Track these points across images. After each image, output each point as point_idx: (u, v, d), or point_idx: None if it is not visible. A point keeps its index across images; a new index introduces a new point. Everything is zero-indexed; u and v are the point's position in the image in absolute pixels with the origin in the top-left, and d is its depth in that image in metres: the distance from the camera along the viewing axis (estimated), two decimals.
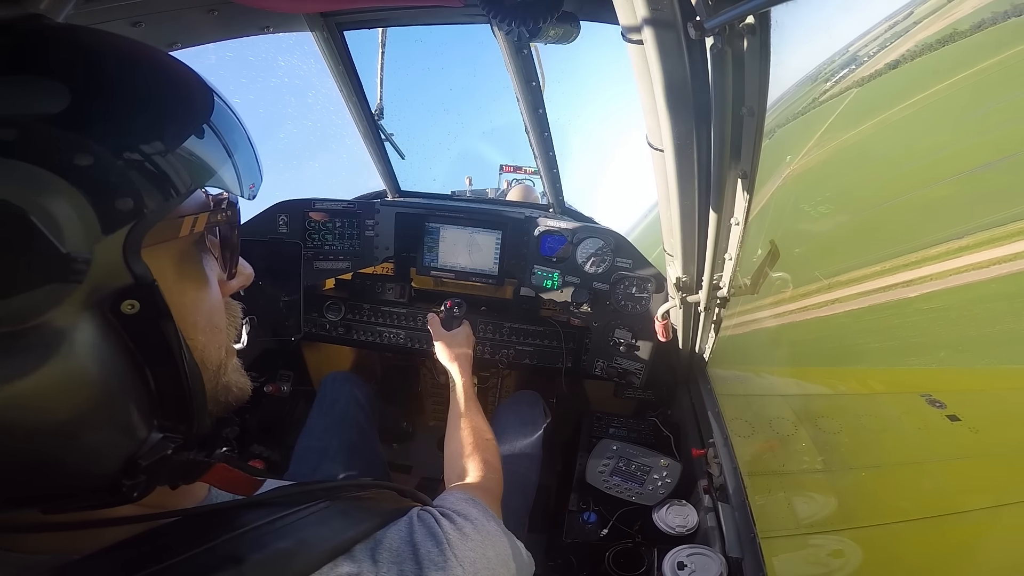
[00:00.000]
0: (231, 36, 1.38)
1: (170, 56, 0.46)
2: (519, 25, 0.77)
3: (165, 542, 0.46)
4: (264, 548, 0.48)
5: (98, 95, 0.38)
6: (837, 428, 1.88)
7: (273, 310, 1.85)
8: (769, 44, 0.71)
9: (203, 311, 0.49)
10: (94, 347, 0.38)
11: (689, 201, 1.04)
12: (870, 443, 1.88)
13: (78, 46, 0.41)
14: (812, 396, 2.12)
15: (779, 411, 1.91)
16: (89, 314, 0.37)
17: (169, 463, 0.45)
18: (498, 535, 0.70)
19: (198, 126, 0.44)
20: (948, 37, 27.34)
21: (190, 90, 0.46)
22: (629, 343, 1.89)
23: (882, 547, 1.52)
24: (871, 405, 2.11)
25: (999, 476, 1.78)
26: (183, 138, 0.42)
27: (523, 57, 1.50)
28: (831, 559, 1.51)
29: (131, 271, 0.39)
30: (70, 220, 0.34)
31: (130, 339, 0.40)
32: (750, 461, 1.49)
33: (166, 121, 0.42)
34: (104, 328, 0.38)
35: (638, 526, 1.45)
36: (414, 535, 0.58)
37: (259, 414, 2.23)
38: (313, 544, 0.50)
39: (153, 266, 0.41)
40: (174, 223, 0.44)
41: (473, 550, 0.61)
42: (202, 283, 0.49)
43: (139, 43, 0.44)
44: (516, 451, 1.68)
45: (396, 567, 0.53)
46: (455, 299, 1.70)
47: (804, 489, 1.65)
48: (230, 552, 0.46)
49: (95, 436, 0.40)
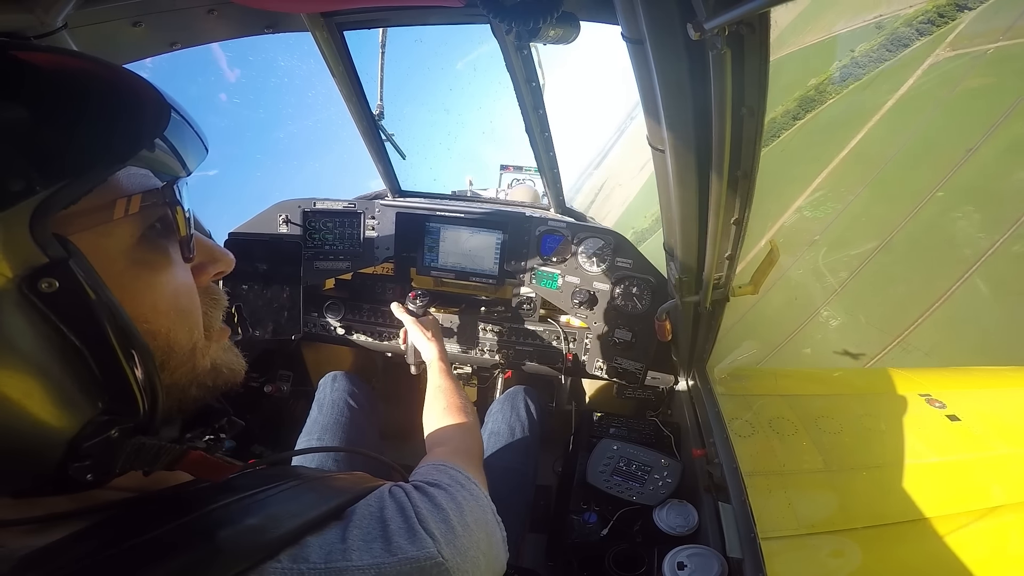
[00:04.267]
0: (231, 36, 1.39)
1: (84, 55, 0.46)
2: (519, 25, 0.77)
3: (135, 523, 0.46)
4: (233, 524, 0.48)
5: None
6: (837, 428, 1.88)
7: (273, 310, 1.86)
8: (769, 44, 0.72)
9: (164, 295, 0.49)
10: (18, 327, 0.39)
11: (689, 201, 1.04)
12: (870, 443, 1.88)
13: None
14: (812, 396, 2.12)
15: (779, 411, 1.91)
16: (6, 293, 0.38)
17: (120, 446, 0.45)
18: (472, 499, 0.69)
19: (103, 108, 0.44)
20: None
21: (96, 71, 0.46)
22: (629, 343, 1.89)
23: (882, 547, 1.52)
24: (871, 405, 2.11)
25: (999, 476, 1.78)
26: (83, 120, 0.42)
27: (523, 57, 1.50)
28: (831, 559, 1.51)
29: (42, 250, 0.39)
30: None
31: (57, 318, 0.40)
32: (750, 461, 1.49)
33: (64, 101, 0.42)
34: (26, 307, 0.39)
35: (638, 526, 1.45)
36: (384, 511, 0.57)
37: (259, 414, 2.23)
38: (282, 520, 0.50)
39: (94, 250, 0.42)
40: (105, 207, 0.44)
41: (445, 520, 0.59)
42: (160, 267, 0.49)
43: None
44: (512, 447, 1.68)
45: (365, 544, 0.52)
46: (418, 291, 1.71)
47: (804, 489, 1.65)
48: (198, 529, 0.46)
49: (29, 416, 0.40)
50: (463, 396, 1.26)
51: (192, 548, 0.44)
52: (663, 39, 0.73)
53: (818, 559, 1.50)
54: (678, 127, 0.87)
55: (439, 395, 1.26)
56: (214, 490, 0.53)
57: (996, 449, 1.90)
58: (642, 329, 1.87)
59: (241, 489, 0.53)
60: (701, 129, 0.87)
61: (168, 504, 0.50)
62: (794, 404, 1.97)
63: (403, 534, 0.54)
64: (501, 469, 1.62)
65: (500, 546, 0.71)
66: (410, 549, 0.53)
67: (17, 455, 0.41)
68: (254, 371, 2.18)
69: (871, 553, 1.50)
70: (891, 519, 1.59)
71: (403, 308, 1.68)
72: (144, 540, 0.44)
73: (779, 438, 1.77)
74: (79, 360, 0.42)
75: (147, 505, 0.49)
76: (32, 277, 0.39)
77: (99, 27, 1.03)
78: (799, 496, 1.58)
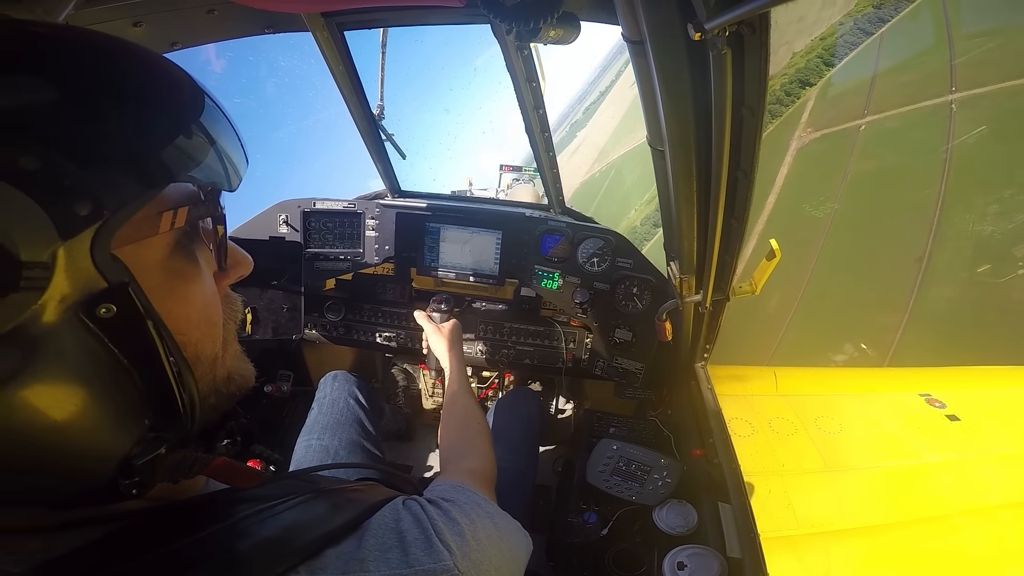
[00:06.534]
0: (231, 36, 1.38)
1: (140, 50, 0.43)
2: (519, 25, 0.77)
3: (154, 534, 0.46)
4: (250, 537, 0.48)
5: (47, 95, 0.36)
6: (837, 428, 1.88)
7: (273, 310, 1.86)
8: (768, 44, 0.72)
9: (196, 305, 0.49)
10: (73, 353, 0.37)
11: (689, 201, 1.05)
12: (869, 443, 1.88)
13: (21, 42, 0.38)
14: (812, 396, 2.12)
15: (779, 411, 1.92)
16: (64, 320, 0.36)
17: (165, 461, 0.45)
18: (487, 517, 0.69)
19: (162, 119, 0.42)
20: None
21: (153, 79, 0.43)
22: (629, 343, 1.89)
23: (881, 547, 1.52)
24: (871, 405, 2.11)
25: (999, 476, 1.78)
26: (145, 134, 0.41)
27: (523, 57, 1.50)
28: (830, 559, 1.51)
29: (102, 275, 0.38)
30: (23, 228, 0.33)
31: (111, 342, 0.39)
32: (750, 461, 1.50)
33: (124, 117, 0.40)
34: (82, 333, 0.38)
35: (638, 526, 1.45)
36: (400, 523, 0.57)
37: (259, 414, 2.23)
38: (299, 532, 0.50)
39: (134, 263, 0.40)
40: (152, 219, 0.43)
41: (460, 534, 0.60)
42: (192, 277, 0.48)
43: (99, 34, 0.41)
44: (512, 447, 1.68)
45: (382, 555, 0.52)
46: (442, 295, 1.70)
47: (804, 489, 1.65)
48: (216, 542, 0.46)
49: (86, 438, 0.40)
50: (479, 413, 1.24)
51: (210, 561, 0.44)
52: (663, 39, 0.73)
53: (818, 559, 1.50)
54: (678, 127, 0.87)
55: (454, 411, 1.24)
56: (231, 502, 0.53)
57: (996, 449, 1.90)
58: (642, 329, 1.87)
59: (258, 501, 0.52)
60: (701, 129, 0.87)
61: (187, 515, 0.50)
62: (794, 404, 1.97)
63: (420, 545, 0.55)
64: (501, 469, 1.62)
65: (522, 561, 0.72)
66: (427, 561, 0.53)
67: (71, 473, 0.41)
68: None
69: (871, 553, 1.50)
70: (891, 519, 1.59)
71: (425, 315, 1.67)
72: (162, 553, 0.43)
73: (779, 438, 1.78)
74: (128, 379, 0.42)
75: (166, 517, 0.49)
76: (90, 303, 0.37)
77: (99, 27, 1.03)
78: (799, 496, 1.58)
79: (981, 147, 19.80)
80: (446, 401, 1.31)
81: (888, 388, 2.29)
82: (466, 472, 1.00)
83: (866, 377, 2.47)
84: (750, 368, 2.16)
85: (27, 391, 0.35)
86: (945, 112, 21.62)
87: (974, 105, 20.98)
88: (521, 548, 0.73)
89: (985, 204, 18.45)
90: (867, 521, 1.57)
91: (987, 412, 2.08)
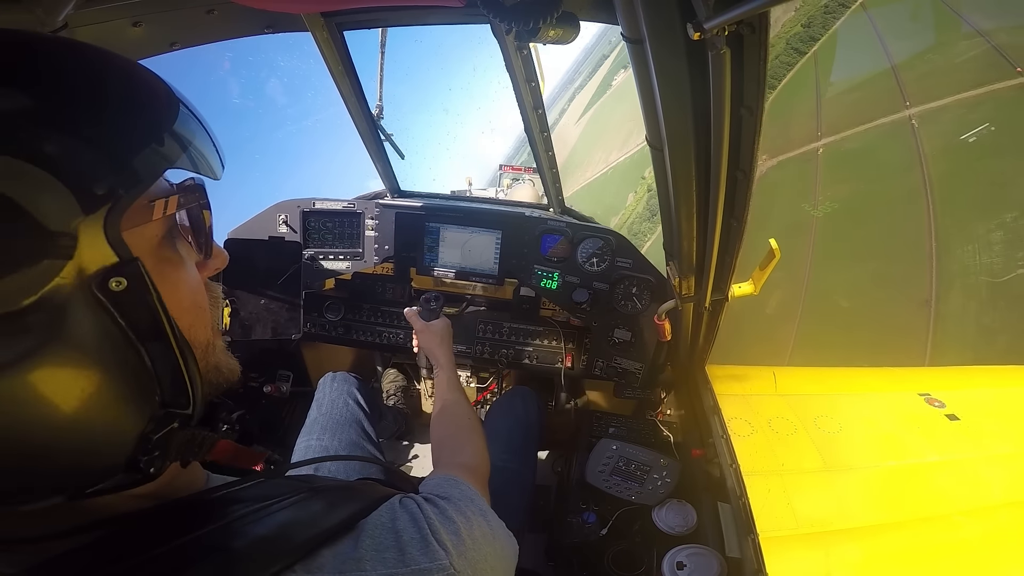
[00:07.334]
0: (231, 36, 1.38)
1: (134, 63, 0.50)
2: (519, 25, 0.77)
3: (149, 534, 0.47)
4: (246, 537, 0.48)
5: (67, 96, 0.42)
6: (836, 427, 1.88)
7: (273, 310, 1.86)
8: (768, 44, 0.72)
9: (185, 291, 0.51)
10: (91, 325, 0.40)
11: (689, 201, 1.05)
12: (869, 442, 1.88)
13: (52, 55, 0.44)
14: (811, 395, 2.12)
15: (778, 410, 1.91)
16: (81, 293, 0.40)
17: (177, 437, 0.48)
18: (480, 515, 0.70)
19: (160, 116, 0.48)
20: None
21: (152, 88, 0.50)
22: (629, 343, 1.89)
23: (881, 546, 1.52)
24: (870, 404, 2.11)
25: (999, 475, 1.78)
26: (147, 128, 0.46)
27: (523, 57, 1.50)
28: (830, 559, 1.51)
29: (114, 249, 0.42)
30: (52, 203, 0.38)
31: (121, 316, 0.42)
32: (749, 461, 1.50)
33: (131, 115, 0.46)
34: (96, 307, 0.41)
35: (638, 526, 1.45)
36: (396, 522, 0.57)
37: (259, 414, 2.23)
38: (295, 531, 0.51)
39: (133, 248, 0.44)
40: (146, 207, 0.47)
41: (456, 533, 0.60)
42: (179, 264, 0.52)
43: (104, 50, 0.48)
44: (511, 447, 1.68)
45: (378, 554, 0.53)
46: (431, 293, 1.69)
47: (803, 489, 1.64)
48: (212, 541, 0.47)
49: (106, 414, 0.42)
50: (470, 410, 1.24)
51: (205, 560, 0.45)
52: (663, 39, 0.73)
53: (817, 558, 1.50)
54: (677, 126, 0.87)
55: (446, 408, 1.24)
56: (226, 502, 0.53)
57: (996, 449, 1.90)
58: (642, 329, 1.87)
59: (253, 500, 0.53)
60: (700, 128, 0.87)
61: (181, 515, 0.51)
62: (793, 403, 1.97)
63: (416, 545, 0.55)
64: (501, 469, 1.62)
65: (511, 560, 0.72)
66: (423, 560, 0.54)
67: (92, 451, 0.43)
68: (254, 371, 2.18)
69: (871, 552, 1.50)
70: (891, 518, 1.59)
71: (414, 313, 1.67)
72: (157, 553, 0.44)
73: (778, 437, 1.77)
74: (138, 356, 0.44)
75: (161, 516, 0.50)
76: (104, 276, 0.41)
77: (99, 27, 1.03)
78: (798, 496, 1.58)
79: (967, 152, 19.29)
80: (436, 399, 1.31)
81: (887, 388, 2.29)
82: (459, 466, 1.00)
83: (865, 376, 2.46)
84: (749, 368, 2.16)
85: (54, 361, 0.38)
86: (907, 128, 21.24)
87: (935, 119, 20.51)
88: (510, 547, 0.74)
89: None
90: (867, 520, 1.57)
91: (987, 412, 2.07)
